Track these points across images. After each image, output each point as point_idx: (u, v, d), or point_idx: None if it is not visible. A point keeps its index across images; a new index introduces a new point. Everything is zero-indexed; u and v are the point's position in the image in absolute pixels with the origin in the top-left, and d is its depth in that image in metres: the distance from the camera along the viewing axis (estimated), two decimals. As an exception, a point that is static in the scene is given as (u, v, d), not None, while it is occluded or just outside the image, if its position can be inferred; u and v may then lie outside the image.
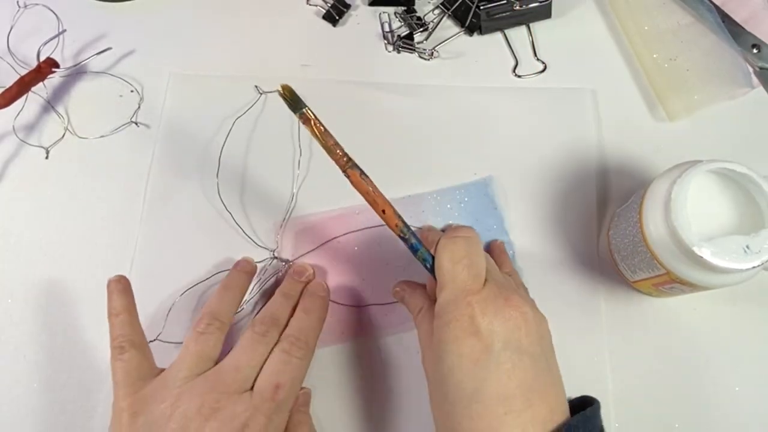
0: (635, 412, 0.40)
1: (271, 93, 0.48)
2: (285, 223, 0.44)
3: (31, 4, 0.50)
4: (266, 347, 0.36)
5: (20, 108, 0.47)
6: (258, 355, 0.35)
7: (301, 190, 0.45)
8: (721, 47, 0.49)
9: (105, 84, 0.49)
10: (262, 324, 0.37)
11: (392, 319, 0.42)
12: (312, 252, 0.44)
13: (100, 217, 0.44)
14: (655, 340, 0.42)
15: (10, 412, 0.40)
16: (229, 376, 0.34)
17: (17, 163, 0.46)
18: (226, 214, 0.44)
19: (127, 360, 0.35)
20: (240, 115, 0.47)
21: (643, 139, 0.47)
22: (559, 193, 0.46)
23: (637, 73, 0.50)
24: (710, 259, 0.33)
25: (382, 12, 0.52)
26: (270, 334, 0.36)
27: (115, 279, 0.38)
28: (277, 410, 0.34)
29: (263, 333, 0.36)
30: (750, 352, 0.42)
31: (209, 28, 0.51)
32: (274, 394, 0.34)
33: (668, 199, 0.34)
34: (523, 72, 0.50)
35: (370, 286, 0.43)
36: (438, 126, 0.48)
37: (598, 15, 0.53)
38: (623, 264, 0.42)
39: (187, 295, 0.42)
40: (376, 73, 0.50)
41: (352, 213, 0.45)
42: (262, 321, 0.37)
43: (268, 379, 0.34)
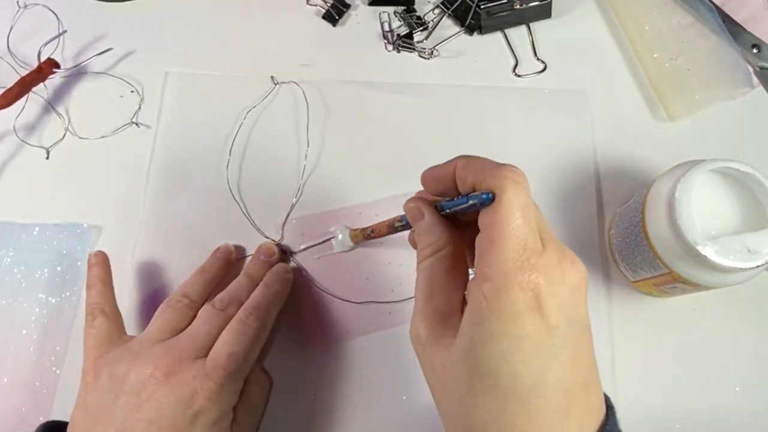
0: (635, 411, 0.40)
1: (285, 84, 0.48)
2: (289, 215, 0.44)
3: (31, 4, 0.50)
4: (224, 321, 0.36)
5: (21, 108, 0.47)
6: (215, 327, 0.36)
7: (307, 185, 0.45)
8: (722, 47, 0.49)
9: (105, 84, 0.49)
10: (221, 301, 0.38)
11: (395, 318, 0.42)
12: (315, 246, 0.44)
13: (100, 218, 0.44)
14: (656, 340, 0.42)
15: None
16: (185, 343, 0.35)
17: (17, 163, 0.46)
18: (226, 214, 0.44)
19: (96, 326, 0.36)
20: (253, 106, 0.48)
21: (644, 139, 0.47)
22: (560, 192, 0.46)
23: (637, 73, 0.50)
24: (714, 258, 0.33)
25: (381, 11, 0.52)
26: (229, 309, 0.37)
27: (94, 253, 0.40)
28: (229, 378, 0.34)
29: (222, 308, 0.37)
30: (750, 352, 0.42)
31: (209, 28, 0.51)
32: (227, 362, 0.34)
33: (672, 198, 0.34)
34: (523, 72, 0.50)
35: (372, 283, 0.43)
36: (438, 125, 0.48)
37: (598, 15, 0.53)
38: (624, 264, 0.42)
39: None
40: (375, 73, 0.50)
41: (355, 212, 0.45)
42: (222, 298, 0.38)
43: (221, 347, 0.35)
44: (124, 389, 0.33)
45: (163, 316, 0.37)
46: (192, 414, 0.32)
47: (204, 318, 0.36)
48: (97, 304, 0.37)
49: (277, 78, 0.49)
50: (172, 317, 0.37)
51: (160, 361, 0.33)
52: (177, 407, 0.32)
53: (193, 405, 0.32)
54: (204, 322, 0.36)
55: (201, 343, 0.35)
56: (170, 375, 0.33)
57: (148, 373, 0.33)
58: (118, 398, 0.33)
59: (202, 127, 0.47)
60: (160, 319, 0.37)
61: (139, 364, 0.33)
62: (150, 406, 0.32)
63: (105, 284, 0.38)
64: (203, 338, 0.35)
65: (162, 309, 0.37)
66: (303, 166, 0.46)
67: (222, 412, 0.34)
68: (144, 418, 0.32)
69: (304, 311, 0.42)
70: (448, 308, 0.27)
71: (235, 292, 0.39)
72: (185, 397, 0.32)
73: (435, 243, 0.28)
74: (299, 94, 0.48)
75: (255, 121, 0.48)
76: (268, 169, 0.46)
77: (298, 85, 0.48)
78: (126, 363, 0.34)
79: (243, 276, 0.40)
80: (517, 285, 0.23)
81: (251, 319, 0.36)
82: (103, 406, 0.33)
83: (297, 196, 0.45)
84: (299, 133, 0.47)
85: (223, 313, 0.37)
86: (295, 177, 0.46)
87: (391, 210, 0.44)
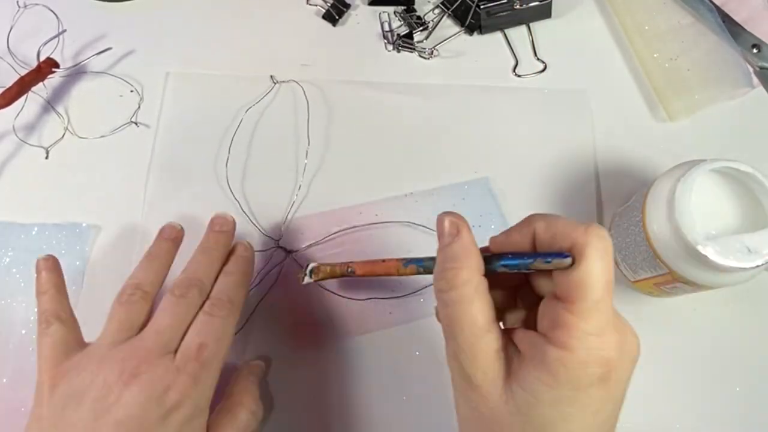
0: (635, 411, 0.40)
1: (285, 83, 0.48)
2: (290, 213, 0.44)
3: (31, 4, 0.50)
4: (187, 308, 0.34)
5: (20, 108, 0.47)
6: (178, 317, 0.34)
7: (307, 185, 0.45)
8: (722, 47, 0.49)
9: (105, 84, 0.49)
10: (180, 286, 0.35)
11: (396, 317, 0.42)
12: (315, 246, 0.44)
13: (99, 217, 0.44)
14: (656, 340, 0.42)
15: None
16: (150, 340, 0.33)
17: (17, 163, 0.46)
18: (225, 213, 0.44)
19: (51, 334, 0.34)
20: (254, 103, 0.48)
21: (644, 138, 0.47)
22: (560, 192, 0.46)
23: (637, 73, 0.50)
24: (714, 258, 0.33)
25: (381, 11, 0.52)
26: (190, 294, 0.34)
27: (43, 258, 0.37)
28: (203, 370, 0.32)
29: (182, 294, 0.34)
30: (750, 352, 0.42)
31: (209, 28, 0.51)
32: (198, 353, 0.32)
33: (672, 198, 0.34)
34: (523, 72, 0.50)
35: (372, 283, 0.43)
36: (438, 125, 0.48)
37: (598, 15, 0.53)
38: (624, 264, 0.42)
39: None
40: (375, 73, 0.50)
41: (355, 212, 0.45)
42: (181, 283, 0.35)
43: (191, 339, 0.33)
44: (87, 397, 0.30)
45: (117, 314, 0.34)
46: (164, 411, 0.31)
47: (165, 309, 0.34)
48: (52, 311, 0.35)
49: (276, 77, 0.49)
50: (128, 314, 0.34)
51: (126, 363, 0.31)
52: (148, 406, 0.30)
53: (166, 402, 0.31)
54: (166, 313, 0.34)
55: (167, 338, 0.33)
56: (139, 375, 0.31)
57: (115, 376, 0.31)
58: (79, 407, 0.30)
59: (201, 126, 0.47)
60: (115, 318, 0.34)
61: (103, 370, 0.31)
62: (118, 408, 0.30)
63: (58, 289, 0.36)
64: (168, 331, 0.33)
65: (115, 307, 0.35)
66: (304, 165, 0.46)
67: (197, 407, 0.32)
68: (111, 421, 0.30)
69: (304, 311, 0.42)
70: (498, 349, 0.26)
71: (193, 273, 0.36)
72: (157, 395, 0.31)
73: (464, 276, 0.26)
74: (299, 94, 0.48)
75: (255, 121, 0.48)
76: (268, 168, 0.46)
77: (298, 84, 0.48)
78: (89, 371, 0.31)
79: (199, 254, 0.37)
80: (597, 360, 0.24)
81: (217, 310, 0.34)
82: (62, 416, 0.30)
83: (297, 195, 0.45)
84: (299, 132, 0.47)
85: (184, 299, 0.34)
86: (295, 177, 0.46)
87: (392, 210, 0.44)
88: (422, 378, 0.40)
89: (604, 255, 0.24)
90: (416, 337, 0.42)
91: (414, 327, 0.42)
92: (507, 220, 0.45)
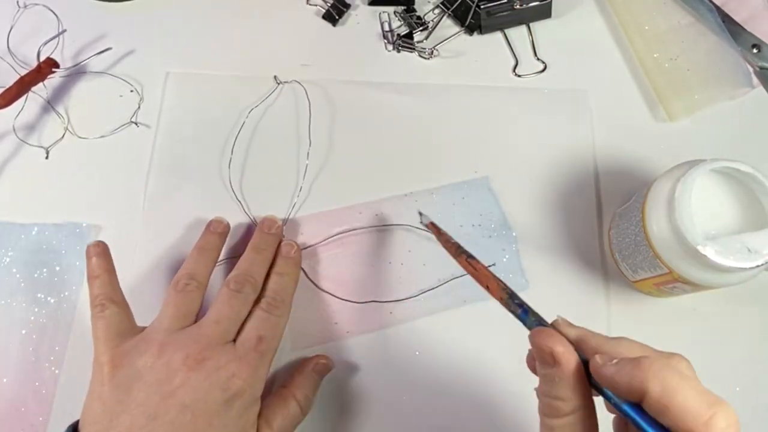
0: (636, 411, 0.40)
1: (288, 83, 0.48)
2: (291, 213, 0.44)
3: (31, 4, 0.50)
4: (243, 302, 0.36)
5: (20, 108, 0.47)
6: (235, 309, 0.36)
7: (308, 184, 0.45)
8: (722, 47, 0.49)
9: (105, 84, 0.49)
10: (236, 282, 0.37)
11: (396, 317, 0.42)
12: (317, 245, 0.44)
13: (100, 217, 0.44)
14: (656, 340, 0.41)
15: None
16: (210, 329, 0.35)
17: (17, 163, 0.46)
18: (226, 213, 0.44)
19: (107, 316, 0.35)
20: (255, 105, 0.47)
21: (644, 139, 0.47)
22: (560, 192, 0.46)
23: (637, 73, 0.50)
24: (714, 258, 0.33)
25: (381, 11, 0.52)
26: (245, 289, 0.37)
27: (93, 244, 0.38)
28: (261, 360, 0.35)
29: (238, 289, 0.37)
30: (750, 352, 0.42)
31: (209, 28, 0.51)
32: (258, 344, 0.35)
33: (672, 198, 0.34)
34: (523, 72, 0.50)
35: (372, 283, 0.43)
36: (438, 125, 0.48)
37: (598, 15, 0.53)
38: (624, 264, 0.42)
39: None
40: (376, 73, 0.50)
41: (355, 212, 0.45)
42: (236, 279, 0.37)
43: (250, 331, 0.35)
44: (151, 378, 0.32)
45: (174, 301, 0.36)
46: (228, 397, 0.32)
47: (223, 301, 0.36)
48: (105, 294, 0.36)
49: (279, 78, 0.48)
50: (183, 302, 0.36)
51: (191, 348, 0.33)
52: (213, 391, 0.32)
53: (230, 388, 0.33)
54: (224, 305, 0.36)
55: (225, 327, 0.35)
56: (203, 361, 0.33)
57: (179, 361, 0.32)
58: (146, 387, 0.32)
59: (202, 126, 0.47)
60: (171, 306, 0.36)
61: (168, 354, 0.33)
62: (184, 391, 0.32)
63: (110, 273, 0.37)
64: (227, 322, 0.35)
65: (171, 295, 0.37)
66: (305, 165, 0.46)
67: (254, 397, 0.34)
68: (177, 403, 0.31)
69: (305, 311, 0.42)
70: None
71: (247, 270, 0.38)
72: (222, 381, 0.32)
73: (567, 401, 0.24)
74: (300, 94, 0.48)
75: (256, 121, 0.48)
76: (269, 168, 0.46)
77: (300, 84, 0.48)
78: (151, 354, 0.33)
79: (251, 252, 0.40)
80: None
81: (273, 309, 0.37)
82: (127, 396, 0.32)
83: (298, 195, 0.45)
84: (300, 133, 0.47)
85: (240, 294, 0.37)
86: (296, 177, 0.46)
87: (392, 210, 0.45)
88: (422, 378, 0.40)
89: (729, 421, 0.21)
90: (416, 337, 0.42)
91: (414, 327, 0.42)
92: (507, 220, 0.45)
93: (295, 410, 0.37)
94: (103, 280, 0.37)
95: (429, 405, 0.40)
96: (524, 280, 0.43)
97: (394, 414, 0.40)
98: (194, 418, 0.31)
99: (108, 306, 0.36)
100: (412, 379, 0.41)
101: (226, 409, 0.32)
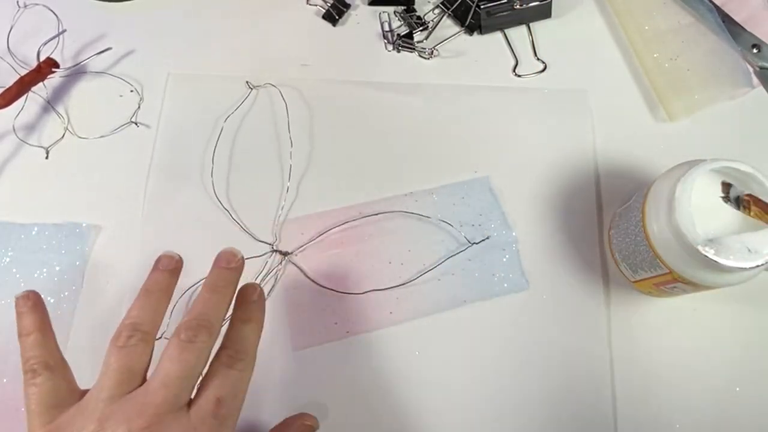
0: (635, 411, 0.40)
1: (261, 87, 0.48)
2: (281, 216, 0.44)
3: (31, 4, 0.50)
4: (197, 355, 0.30)
5: (20, 108, 0.47)
6: (188, 365, 0.30)
7: (309, 185, 0.45)
8: (722, 47, 0.49)
9: (105, 84, 0.49)
10: (188, 329, 0.31)
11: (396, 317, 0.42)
12: (310, 244, 0.44)
13: (100, 217, 0.44)
14: (656, 340, 0.42)
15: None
16: (159, 394, 0.29)
17: (17, 163, 0.46)
18: (225, 213, 0.44)
19: (39, 384, 0.30)
20: (230, 113, 0.47)
21: (644, 139, 0.47)
22: (560, 192, 0.46)
23: (637, 73, 0.50)
24: (714, 258, 0.33)
25: (381, 11, 0.52)
26: (200, 338, 0.30)
27: (22, 295, 0.33)
28: (222, 428, 0.30)
29: (191, 339, 0.30)
30: (750, 352, 0.42)
31: (209, 28, 0.51)
32: (217, 408, 0.30)
33: (672, 198, 0.34)
34: (523, 72, 0.50)
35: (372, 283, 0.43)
36: (438, 125, 0.48)
37: (598, 15, 0.53)
38: (624, 264, 0.42)
39: (189, 294, 0.42)
40: (376, 73, 0.50)
41: (355, 212, 0.44)
42: (188, 325, 0.31)
43: (207, 394, 0.30)
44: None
45: (115, 362, 0.30)
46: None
47: (172, 356, 0.30)
48: (37, 357, 0.31)
49: (252, 83, 0.49)
50: (127, 361, 0.30)
51: (133, 424, 0.27)
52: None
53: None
54: (173, 362, 0.30)
55: (176, 391, 0.29)
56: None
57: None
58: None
59: (202, 126, 0.47)
60: (112, 367, 0.30)
61: (109, 429, 0.27)
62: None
63: (44, 332, 0.32)
64: (177, 384, 0.29)
65: (111, 352, 0.30)
66: (305, 166, 0.46)
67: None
68: None
69: (305, 311, 0.42)
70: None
71: (201, 314, 0.31)
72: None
73: None
74: (301, 95, 0.48)
75: (256, 121, 0.48)
76: (266, 168, 0.46)
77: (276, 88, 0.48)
78: (90, 430, 0.28)
79: (207, 292, 0.33)
80: None
81: (236, 363, 0.31)
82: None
83: (299, 195, 0.45)
84: (300, 133, 0.47)
85: (192, 345, 0.30)
86: (297, 177, 0.46)
87: (392, 209, 0.44)
88: (422, 378, 0.40)
89: None
90: (416, 337, 0.42)
91: (414, 327, 0.42)
92: (507, 220, 0.45)
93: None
94: (35, 339, 0.32)
95: (429, 405, 0.40)
96: (524, 280, 0.43)
97: (393, 414, 0.40)
98: None
99: (40, 372, 0.31)
100: (412, 379, 0.41)
101: None
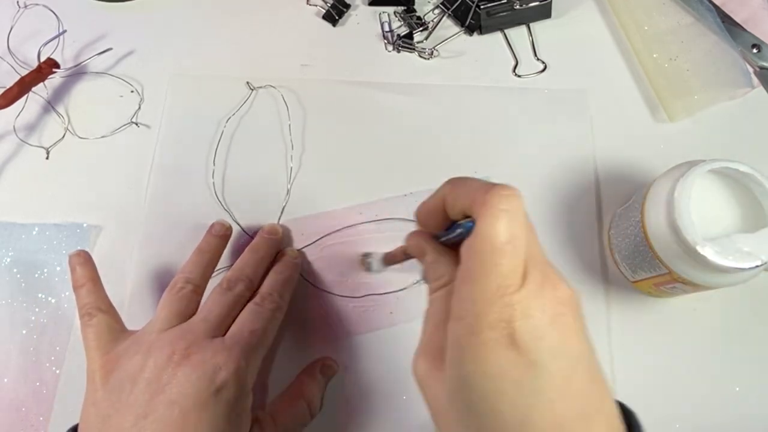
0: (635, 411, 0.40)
1: (262, 88, 0.48)
2: (281, 216, 0.44)
3: (31, 4, 0.50)
4: (234, 299, 0.36)
5: (21, 108, 0.47)
6: (226, 305, 0.36)
7: (299, 184, 0.45)
8: (721, 47, 0.49)
9: (105, 84, 0.49)
10: (229, 280, 0.37)
11: (396, 317, 0.42)
12: (310, 245, 0.44)
13: (100, 218, 0.44)
14: (656, 340, 0.42)
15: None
16: (200, 326, 0.35)
17: (17, 163, 0.46)
18: (225, 214, 0.44)
19: (95, 324, 0.35)
20: (231, 115, 0.47)
21: (643, 139, 0.47)
22: (559, 192, 0.46)
23: (637, 74, 0.50)
24: (713, 259, 0.33)
25: (381, 12, 0.52)
26: (237, 288, 0.37)
27: (75, 253, 0.38)
28: (250, 353, 0.34)
29: (230, 287, 0.37)
30: (750, 352, 0.42)
31: (209, 28, 0.51)
32: (248, 337, 0.35)
33: (671, 198, 0.34)
34: (523, 72, 0.50)
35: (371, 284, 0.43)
36: (438, 125, 0.48)
37: (598, 15, 0.53)
38: (624, 264, 0.42)
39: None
40: (376, 73, 0.50)
41: (355, 212, 0.45)
42: (229, 278, 0.38)
43: (240, 325, 0.35)
44: (141, 379, 0.32)
45: (168, 305, 0.36)
46: (214, 389, 0.32)
47: (214, 300, 0.36)
48: (92, 303, 0.36)
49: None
50: (178, 305, 0.36)
51: (177, 345, 0.33)
52: (199, 384, 0.32)
53: (216, 380, 0.32)
54: (215, 303, 0.36)
55: (214, 324, 0.35)
56: (190, 355, 0.33)
57: (165, 358, 0.32)
58: (135, 387, 0.32)
59: (202, 127, 0.47)
60: (165, 308, 0.36)
61: (154, 352, 0.33)
62: (171, 388, 0.32)
63: (95, 282, 0.37)
64: (216, 319, 0.35)
65: (166, 298, 0.36)
66: (305, 166, 0.46)
67: (243, 389, 0.33)
68: (165, 400, 0.31)
69: (304, 312, 0.42)
70: (446, 344, 0.25)
71: (241, 270, 0.38)
72: (208, 374, 0.32)
73: (442, 277, 0.27)
74: (302, 95, 0.48)
75: (257, 121, 0.48)
76: (266, 169, 0.46)
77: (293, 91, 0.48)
78: (140, 355, 0.33)
79: (248, 252, 0.40)
80: (486, 325, 0.22)
81: (266, 302, 0.37)
82: (118, 398, 0.32)
83: (294, 196, 0.45)
84: (300, 133, 0.47)
85: (231, 292, 0.37)
86: (297, 178, 0.46)
87: (392, 210, 0.45)
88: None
89: (495, 215, 0.22)
90: (416, 337, 0.41)
91: (414, 327, 0.41)
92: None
93: (304, 410, 0.37)
94: (88, 288, 0.37)
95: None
96: (524, 280, 0.43)
97: (394, 414, 0.40)
98: (182, 413, 0.31)
99: (95, 314, 0.36)
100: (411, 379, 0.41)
101: (215, 402, 0.32)
